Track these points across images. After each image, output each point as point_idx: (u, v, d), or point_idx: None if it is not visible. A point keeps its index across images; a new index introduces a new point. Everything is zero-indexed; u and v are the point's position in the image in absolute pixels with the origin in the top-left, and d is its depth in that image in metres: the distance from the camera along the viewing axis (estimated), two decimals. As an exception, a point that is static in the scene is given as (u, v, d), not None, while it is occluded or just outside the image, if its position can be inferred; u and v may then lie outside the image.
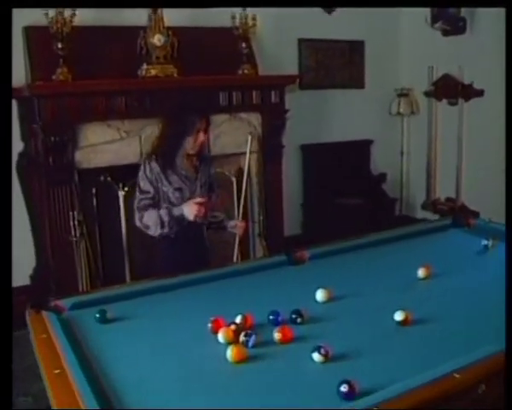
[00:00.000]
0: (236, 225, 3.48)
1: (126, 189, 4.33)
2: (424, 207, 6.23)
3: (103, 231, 4.47)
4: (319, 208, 5.75)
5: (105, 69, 4.27)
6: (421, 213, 6.26)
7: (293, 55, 5.59)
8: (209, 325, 2.07)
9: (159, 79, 4.33)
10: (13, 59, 4.10)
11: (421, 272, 2.53)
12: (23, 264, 4.53)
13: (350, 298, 2.36)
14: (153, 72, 4.34)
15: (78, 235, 4.09)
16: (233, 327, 2.03)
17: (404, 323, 2.05)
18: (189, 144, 3.11)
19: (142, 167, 3.12)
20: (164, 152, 3.13)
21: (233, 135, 4.75)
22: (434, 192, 6.15)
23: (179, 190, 3.11)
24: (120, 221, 4.36)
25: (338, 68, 5.83)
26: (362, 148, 6.11)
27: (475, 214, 5.48)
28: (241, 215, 3.64)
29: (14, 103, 4.27)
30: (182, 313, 2.31)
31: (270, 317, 2.12)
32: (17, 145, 4.35)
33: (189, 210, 3.00)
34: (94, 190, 4.40)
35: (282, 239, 5.08)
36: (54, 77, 4.06)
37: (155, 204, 3.07)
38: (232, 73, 4.69)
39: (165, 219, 3.02)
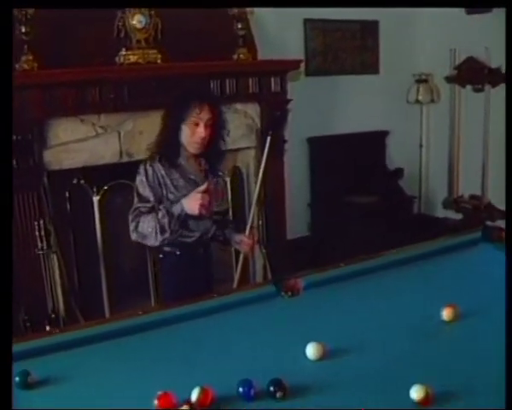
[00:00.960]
0: (242, 241, 2.92)
1: (104, 190, 3.79)
2: (445, 205, 5.62)
3: (78, 241, 3.94)
4: (328, 208, 5.19)
5: (77, 56, 3.70)
6: (442, 212, 5.67)
7: (298, 37, 5.00)
8: (155, 402, 1.52)
9: (139, 66, 3.76)
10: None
11: (445, 314, 1.95)
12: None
13: (351, 354, 1.77)
14: (132, 58, 3.77)
15: (45, 247, 3.55)
16: (185, 409, 1.47)
17: (422, 403, 1.47)
18: (186, 139, 2.59)
19: (141, 170, 2.62)
20: (166, 150, 2.63)
21: (227, 129, 4.18)
22: (457, 189, 5.54)
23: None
24: (95, 230, 3.81)
25: (349, 52, 5.24)
26: (376, 140, 5.51)
27: (503, 214, 4.90)
28: (248, 228, 3.03)
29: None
30: (126, 374, 1.75)
31: (240, 389, 1.56)
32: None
33: (192, 203, 2.51)
34: (67, 195, 3.87)
35: (284, 245, 4.51)
36: (17, 66, 3.52)
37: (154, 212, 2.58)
38: (226, 58, 4.11)
39: (165, 220, 2.52)
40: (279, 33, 4.71)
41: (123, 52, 3.76)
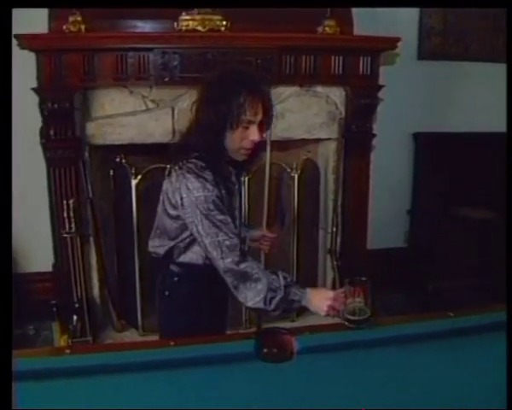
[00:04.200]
0: (264, 238, 2.33)
1: (144, 173, 3.34)
2: None
3: (120, 226, 3.55)
4: (433, 218, 4.37)
5: (132, 20, 3.30)
6: None
7: (412, 12, 4.18)
8: None
9: (198, 34, 3.25)
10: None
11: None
12: (48, 247, 3.77)
13: None
14: (192, 24, 3.26)
15: (73, 230, 3.19)
16: None
17: None
18: (231, 145, 1.94)
19: (191, 185, 1.87)
20: (207, 149, 1.93)
21: (303, 114, 3.55)
22: None
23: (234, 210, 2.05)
24: (132, 217, 3.38)
25: (476, 34, 4.31)
26: (500, 143, 4.52)
27: None
28: (265, 222, 2.41)
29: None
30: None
31: None
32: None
33: (321, 301, 1.85)
34: (111, 173, 3.49)
35: (361, 257, 3.77)
36: (64, 27, 3.17)
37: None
38: (309, 30, 3.46)
39: (278, 290, 1.83)
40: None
41: (182, 16, 3.26)
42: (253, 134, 1.91)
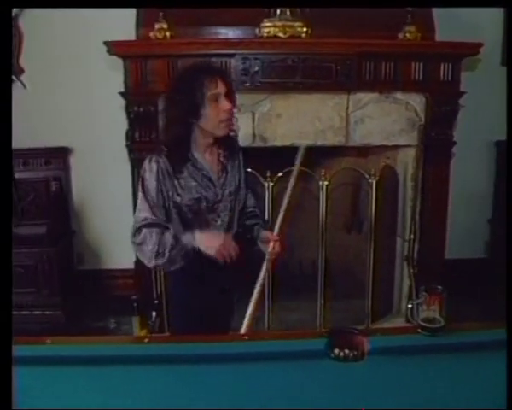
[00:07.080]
0: (271, 240, 2.25)
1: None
2: None
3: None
4: (515, 229, 4.23)
5: (218, 24, 3.41)
6: None
7: (496, 17, 4.08)
8: None
9: (279, 40, 3.30)
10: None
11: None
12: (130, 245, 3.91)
13: None
14: (273, 31, 3.32)
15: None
16: None
17: None
18: (209, 120, 2.07)
19: (145, 166, 2.11)
20: (172, 141, 2.13)
21: (382, 121, 3.54)
22: None
23: (198, 200, 2.12)
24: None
25: None
26: None
27: None
28: (278, 226, 2.29)
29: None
30: None
31: None
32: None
33: (210, 242, 2.07)
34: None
35: (439, 266, 3.70)
36: (151, 34, 3.31)
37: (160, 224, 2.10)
38: (389, 36, 3.45)
39: (167, 244, 2.05)
40: (471, 11, 3.87)
41: (264, 23, 3.33)
42: (224, 104, 2.05)
